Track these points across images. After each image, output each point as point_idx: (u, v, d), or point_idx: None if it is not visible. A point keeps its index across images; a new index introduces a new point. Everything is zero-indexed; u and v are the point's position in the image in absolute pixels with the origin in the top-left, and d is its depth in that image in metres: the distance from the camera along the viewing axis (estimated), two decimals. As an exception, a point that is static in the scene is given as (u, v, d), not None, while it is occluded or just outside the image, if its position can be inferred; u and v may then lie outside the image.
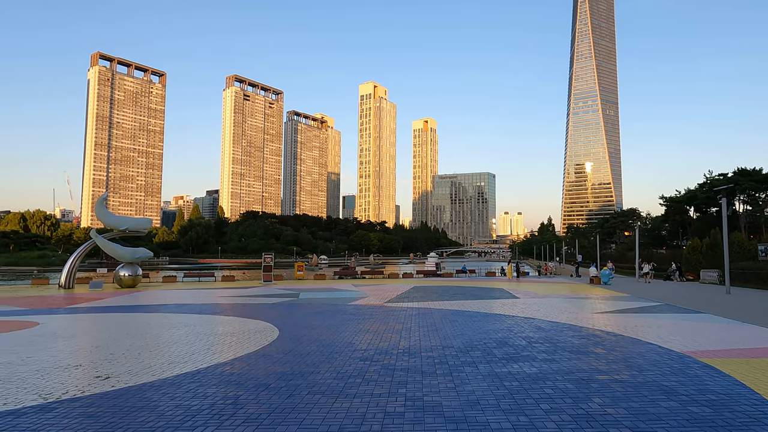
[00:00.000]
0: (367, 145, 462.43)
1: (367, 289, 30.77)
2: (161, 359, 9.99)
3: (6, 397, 7.32)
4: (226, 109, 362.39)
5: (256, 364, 9.45)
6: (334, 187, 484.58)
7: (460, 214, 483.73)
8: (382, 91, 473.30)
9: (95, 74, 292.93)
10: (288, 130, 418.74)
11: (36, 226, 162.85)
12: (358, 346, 11.16)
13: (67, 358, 10.26)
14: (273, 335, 12.84)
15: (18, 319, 16.62)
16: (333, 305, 20.61)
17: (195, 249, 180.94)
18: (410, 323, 14.99)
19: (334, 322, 15.41)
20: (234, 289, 30.91)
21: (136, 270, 33.96)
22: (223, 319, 16.59)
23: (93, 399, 7.21)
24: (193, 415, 6.37)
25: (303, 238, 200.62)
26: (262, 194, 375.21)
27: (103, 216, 35.89)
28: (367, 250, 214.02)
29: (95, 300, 24.01)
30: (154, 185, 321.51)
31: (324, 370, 8.88)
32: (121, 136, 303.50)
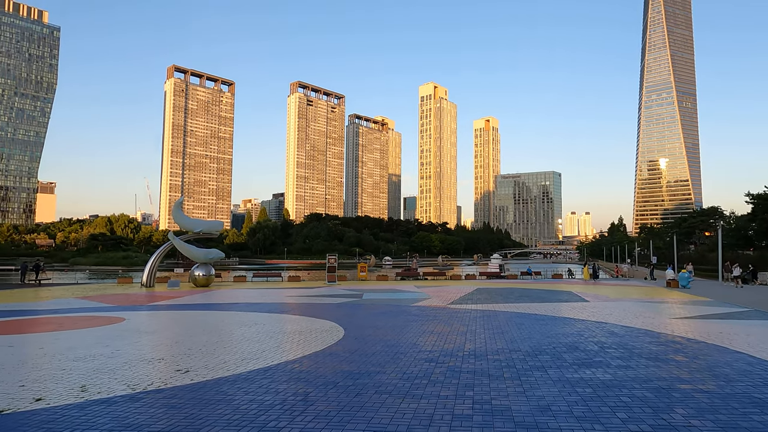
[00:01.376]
0: (427, 146, 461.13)
1: (430, 290, 30.66)
2: (235, 355, 10.46)
3: (99, 387, 7.95)
4: (291, 115, 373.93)
5: (323, 362, 9.67)
6: (395, 188, 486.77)
7: (524, 214, 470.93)
8: (442, 91, 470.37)
9: (171, 86, 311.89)
10: (349, 134, 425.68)
11: (120, 228, 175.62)
12: (423, 348, 11.15)
13: (151, 352, 10.98)
14: (339, 335, 13.09)
15: (107, 315, 17.99)
16: (396, 306, 20.71)
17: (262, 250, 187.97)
18: (475, 325, 14.78)
19: (398, 322, 15.48)
20: (300, 289, 31.81)
21: (210, 270, 35.75)
22: (290, 318, 17.12)
23: (175, 391, 7.67)
24: (267, 410, 6.62)
25: (365, 239, 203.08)
26: (325, 197, 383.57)
27: (180, 219, 38.12)
28: (429, 251, 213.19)
29: (173, 298, 25.51)
30: (224, 189, 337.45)
31: (390, 370, 8.95)
32: (195, 144, 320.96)
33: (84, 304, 22.70)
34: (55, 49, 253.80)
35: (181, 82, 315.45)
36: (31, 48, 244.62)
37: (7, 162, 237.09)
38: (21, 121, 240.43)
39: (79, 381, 8.30)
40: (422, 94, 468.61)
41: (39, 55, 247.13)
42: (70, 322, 16.27)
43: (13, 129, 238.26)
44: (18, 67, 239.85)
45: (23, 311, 19.76)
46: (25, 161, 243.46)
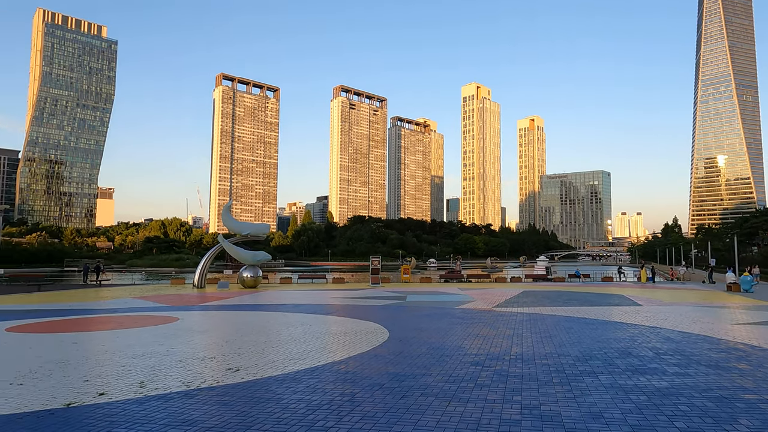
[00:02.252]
0: (470, 147, 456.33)
1: (474, 292, 30.30)
2: (282, 355, 10.70)
3: (156, 383, 8.32)
4: (334, 119, 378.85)
5: (369, 363, 9.74)
6: (437, 190, 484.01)
7: (571, 215, 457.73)
8: (485, 91, 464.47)
9: (219, 94, 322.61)
10: (392, 136, 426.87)
11: (173, 232, 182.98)
12: (468, 351, 11.04)
13: (203, 351, 11.39)
14: (383, 336, 13.14)
15: (162, 315, 18.78)
16: (440, 308, 20.59)
17: (307, 252, 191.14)
18: (521, 329, 14.50)
19: (442, 325, 15.39)
20: (344, 291, 32.15)
21: (257, 272, 36.67)
22: (335, 319, 17.33)
23: (227, 389, 7.93)
24: (314, 410, 6.74)
25: (408, 241, 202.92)
26: (368, 199, 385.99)
27: (228, 222, 39.33)
28: (472, 253, 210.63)
29: (223, 299, 26.34)
30: (270, 193, 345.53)
31: (435, 372, 8.91)
32: (242, 149, 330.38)
33: (141, 303, 23.78)
34: (113, 61, 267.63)
35: (228, 89, 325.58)
36: (91, 61, 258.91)
37: (70, 169, 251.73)
38: (82, 130, 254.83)
39: (137, 377, 8.71)
40: (464, 95, 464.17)
41: (98, 68, 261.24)
42: (128, 321, 17.10)
43: (76, 138, 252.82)
44: (80, 79, 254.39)
45: (86, 310, 20.92)
46: (86, 168, 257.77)
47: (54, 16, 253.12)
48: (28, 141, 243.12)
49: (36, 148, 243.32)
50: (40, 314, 19.15)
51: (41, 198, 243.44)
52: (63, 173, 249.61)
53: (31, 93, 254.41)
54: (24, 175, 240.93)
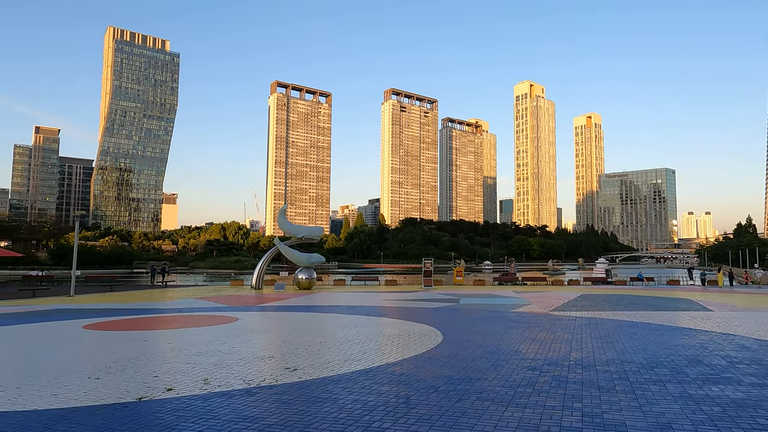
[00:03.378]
0: (524, 146, 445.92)
1: (530, 295, 29.56)
2: (338, 356, 10.87)
3: (219, 380, 8.67)
4: (385, 122, 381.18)
5: (423, 366, 9.72)
6: (490, 191, 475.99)
7: (632, 215, 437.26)
8: (538, 89, 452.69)
9: (274, 100, 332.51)
10: (443, 137, 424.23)
11: (232, 235, 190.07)
12: (525, 355, 10.79)
13: (262, 350, 11.76)
14: (437, 339, 13.08)
15: (223, 315, 19.54)
16: (495, 311, 20.24)
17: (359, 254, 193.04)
18: (581, 334, 14.01)
19: (497, 328, 15.13)
20: (397, 293, 32.23)
21: (312, 273, 37.44)
22: (389, 321, 17.41)
23: (285, 388, 8.15)
24: (370, 410, 6.80)
25: (460, 243, 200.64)
26: (420, 201, 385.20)
27: (284, 225, 40.40)
28: (527, 255, 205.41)
29: (279, 300, 27.07)
30: (323, 196, 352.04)
31: (491, 377, 8.77)
32: (296, 154, 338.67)
33: (203, 304, 24.85)
34: (176, 73, 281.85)
35: (282, 96, 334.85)
36: (156, 74, 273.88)
37: (138, 177, 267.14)
38: (149, 139, 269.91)
39: (202, 374, 9.12)
40: (517, 94, 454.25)
41: (162, 80, 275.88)
42: (192, 320, 17.92)
43: (143, 147, 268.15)
44: (146, 92, 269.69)
45: (154, 309, 22.11)
46: (153, 175, 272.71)
47: (123, 33, 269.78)
48: (100, 151, 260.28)
49: (107, 157, 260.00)
50: (113, 313, 20.41)
51: (112, 204, 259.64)
52: (132, 180, 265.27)
53: (103, 106, 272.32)
54: (97, 183, 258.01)
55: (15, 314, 20.16)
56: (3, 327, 16.31)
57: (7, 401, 7.46)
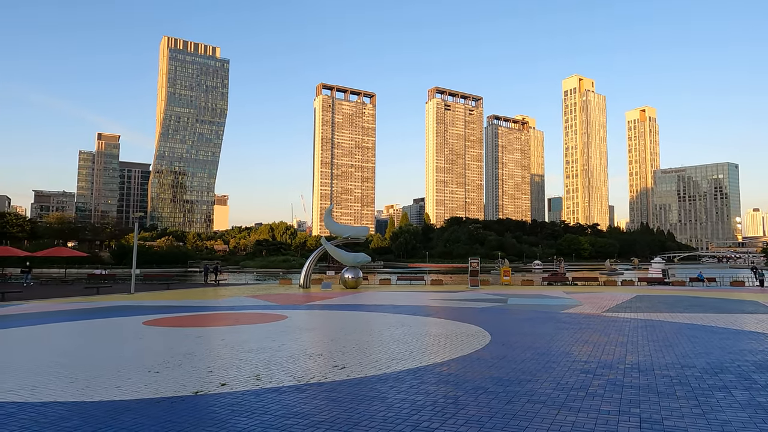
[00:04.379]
0: (573, 143, 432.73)
1: (581, 296, 28.66)
2: (385, 355, 10.91)
3: (270, 377, 8.89)
4: (429, 121, 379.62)
5: (471, 366, 9.61)
6: (538, 189, 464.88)
7: (691, 213, 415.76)
8: (588, 83, 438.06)
9: (320, 102, 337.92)
10: (488, 135, 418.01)
11: (280, 235, 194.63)
12: (577, 357, 10.47)
13: (310, 348, 11.97)
14: (485, 340, 12.90)
15: (272, 313, 20.03)
16: (544, 312, 19.75)
17: (405, 254, 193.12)
18: (636, 336, 13.46)
19: (547, 330, 14.76)
20: (442, 293, 32.03)
21: (358, 273, 37.78)
22: (435, 321, 17.33)
23: (334, 385, 8.26)
24: (419, 410, 6.79)
25: (507, 242, 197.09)
26: (465, 200, 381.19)
27: (330, 225, 40.96)
28: (577, 254, 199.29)
29: (327, 299, 27.47)
30: (368, 196, 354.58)
31: (542, 379, 8.57)
32: (341, 155, 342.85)
33: (253, 302, 25.57)
34: (226, 78, 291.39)
35: (328, 98, 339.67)
36: (207, 80, 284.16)
37: (192, 179, 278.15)
38: (201, 143, 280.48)
39: (254, 371, 9.38)
40: (566, 89, 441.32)
41: (213, 86, 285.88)
42: (243, 318, 18.47)
43: (196, 151, 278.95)
44: (198, 97, 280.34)
45: (207, 307, 22.96)
46: (205, 178, 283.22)
47: (176, 42, 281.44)
48: (157, 155, 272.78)
49: (163, 161, 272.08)
50: (170, 310, 21.33)
51: (168, 206, 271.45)
52: (185, 183, 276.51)
53: (158, 112, 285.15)
54: (154, 186, 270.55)
55: (82, 310, 21.44)
56: (72, 322, 17.38)
57: (77, 392, 7.94)
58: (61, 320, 17.97)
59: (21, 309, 22.14)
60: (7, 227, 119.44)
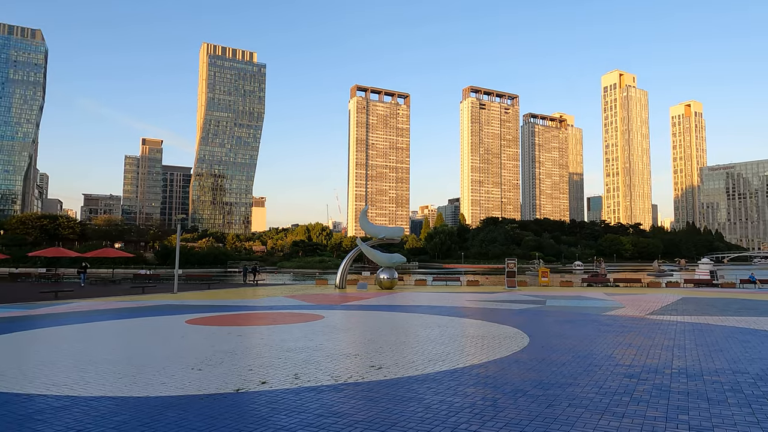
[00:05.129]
0: (613, 140, 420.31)
1: (623, 298, 27.79)
2: (421, 356, 10.88)
3: (308, 376, 9.01)
4: (464, 120, 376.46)
5: (509, 369, 9.47)
6: (576, 188, 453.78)
7: (741, 211, 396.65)
8: (629, 78, 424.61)
9: (354, 104, 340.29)
10: (525, 134, 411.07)
11: (316, 236, 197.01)
12: (620, 361, 10.16)
13: (347, 348, 12.06)
14: (523, 342, 12.69)
15: (309, 313, 20.30)
16: (584, 314, 19.26)
17: (440, 254, 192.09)
18: (683, 340, 12.95)
19: (588, 332, 14.39)
20: (479, 294, 31.68)
21: (393, 273, 37.81)
22: (471, 322, 17.16)
23: (371, 385, 8.30)
24: (456, 412, 6.74)
25: (545, 243, 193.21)
26: (501, 200, 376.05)
27: (365, 226, 41.15)
28: (618, 255, 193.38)
29: (362, 299, 27.62)
30: (403, 197, 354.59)
31: (583, 382, 8.36)
32: (376, 155, 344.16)
33: (290, 302, 25.97)
34: (263, 83, 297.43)
35: (362, 99, 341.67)
36: (245, 85, 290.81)
37: (230, 182, 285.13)
38: (239, 147, 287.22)
39: (292, 369, 9.53)
40: (605, 84, 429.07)
41: (251, 90, 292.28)
42: (281, 317, 18.78)
43: (234, 154, 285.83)
44: (236, 102, 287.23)
45: (246, 307, 23.47)
46: (243, 180, 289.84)
47: (215, 48, 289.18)
48: (197, 159, 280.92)
49: (203, 164, 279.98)
50: (211, 309, 21.91)
51: (208, 208, 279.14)
52: (225, 185, 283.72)
53: (198, 117, 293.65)
54: (195, 189, 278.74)
55: (128, 309, 22.30)
56: (119, 320, 18.10)
57: (125, 387, 8.26)
58: (108, 318, 18.75)
59: (72, 307, 23.21)
60: (59, 229, 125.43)
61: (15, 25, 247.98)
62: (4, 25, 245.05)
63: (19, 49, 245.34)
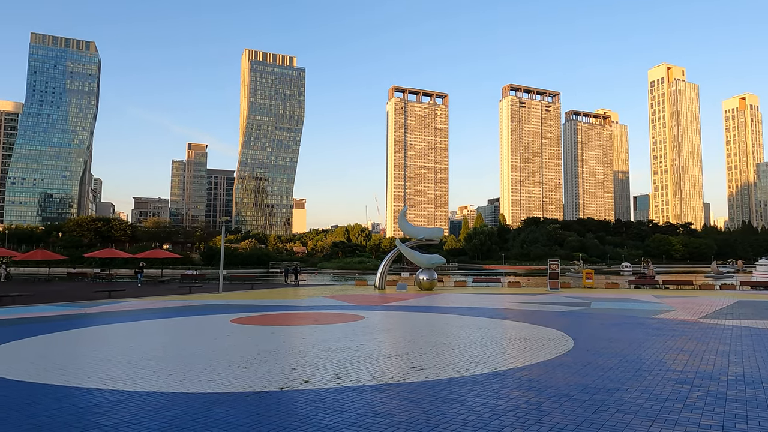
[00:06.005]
0: (661, 136, 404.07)
1: (673, 301, 26.68)
2: (462, 357, 10.80)
3: (350, 376, 9.10)
4: (503, 119, 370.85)
5: (553, 372, 9.28)
6: (622, 187, 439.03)
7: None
8: (677, 72, 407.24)
9: (392, 105, 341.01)
10: (567, 132, 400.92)
11: (355, 236, 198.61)
12: (671, 366, 9.77)
13: (388, 348, 12.11)
14: (567, 345, 12.39)
15: (350, 313, 20.48)
16: (632, 317, 18.62)
17: (479, 255, 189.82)
18: (739, 345, 12.33)
19: (636, 336, 13.90)
20: (520, 295, 31.13)
21: (433, 274, 37.65)
22: (513, 324, 16.89)
23: (412, 386, 8.31)
24: (500, 415, 6.66)
25: (589, 243, 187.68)
26: (542, 200, 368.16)
27: (404, 227, 41.16)
28: (668, 256, 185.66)
29: (402, 300, 27.64)
30: (441, 197, 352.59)
31: (632, 388, 8.09)
32: (414, 156, 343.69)
33: (331, 302, 26.28)
34: (302, 87, 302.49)
35: (400, 101, 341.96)
36: (285, 89, 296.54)
37: (272, 184, 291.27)
38: (280, 150, 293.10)
39: (334, 369, 9.65)
40: (652, 79, 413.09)
41: (291, 94, 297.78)
42: (322, 317, 19.04)
43: (275, 157, 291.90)
44: (277, 106, 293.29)
45: (288, 307, 23.91)
46: (284, 183, 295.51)
47: (256, 54, 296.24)
48: (240, 162, 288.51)
49: (246, 167, 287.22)
50: (255, 309, 22.45)
51: (250, 210, 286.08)
52: (266, 188, 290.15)
53: (241, 122, 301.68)
54: (238, 191, 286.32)
55: (177, 308, 23.14)
56: (168, 319, 18.81)
57: (175, 383, 8.59)
58: (158, 317, 19.51)
59: (124, 306, 24.28)
60: (112, 231, 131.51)
61: (71, 38, 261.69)
62: (62, 39, 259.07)
63: (75, 60, 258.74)
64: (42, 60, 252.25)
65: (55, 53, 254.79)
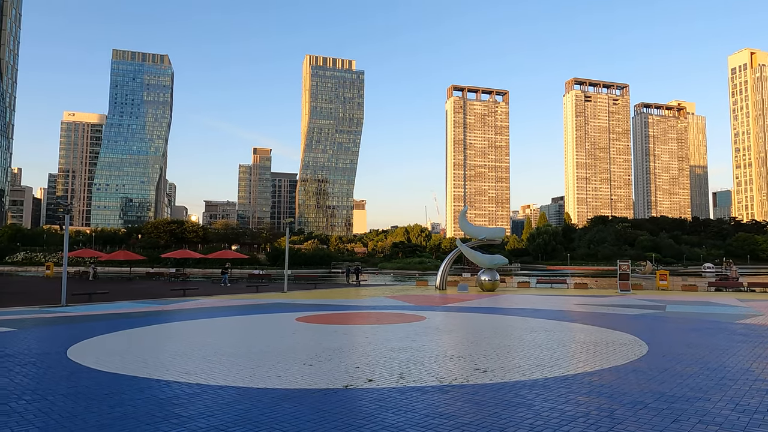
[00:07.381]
0: (743, 127, 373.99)
1: (760, 305, 24.64)
2: (528, 360, 10.53)
3: (413, 376, 9.12)
4: (567, 114, 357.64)
5: (626, 378, 8.84)
6: (699, 182, 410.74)
7: None
8: (762, 57, 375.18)
9: (451, 105, 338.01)
10: (637, 125, 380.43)
11: (415, 237, 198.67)
12: (760, 376, 9.04)
13: (451, 350, 12.02)
14: (641, 350, 11.76)
15: (411, 313, 20.51)
16: (713, 322, 17.38)
17: (543, 256, 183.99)
18: (842, 355, 11.19)
19: (717, 342, 12.97)
20: (588, 297, 29.88)
21: (495, 275, 36.95)
22: (581, 327, 16.25)
23: (477, 389, 8.20)
24: (569, 421, 6.43)
25: (662, 243, 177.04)
26: (610, 197, 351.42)
27: (465, 227, 40.69)
28: (753, 256, 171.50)
29: (463, 301, 27.31)
30: (503, 197, 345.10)
31: (715, 397, 7.56)
32: (474, 155, 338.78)
33: (392, 302, 26.42)
34: (362, 89, 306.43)
35: (459, 99, 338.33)
36: (344, 92, 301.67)
37: (333, 186, 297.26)
38: (340, 152, 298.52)
39: (397, 369, 9.70)
40: (732, 66, 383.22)
41: (350, 97, 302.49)
42: (384, 317, 19.19)
43: (336, 159, 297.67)
44: (337, 109, 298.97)
45: (351, 306, 24.30)
46: (344, 184, 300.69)
47: (316, 59, 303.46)
48: (302, 165, 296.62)
49: (308, 170, 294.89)
50: (318, 308, 23.00)
51: (313, 211, 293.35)
52: (327, 190, 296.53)
53: (303, 125, 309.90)
54: (301, 193, 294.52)
55: (245, 306, 24.14)
56: (238, 317, 19.66)
57: (245, 378, 8.97)
58: (229, 315, 20.42)
59: (198, 304, 25.62)
60: (185, 233, 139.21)
61: (147, 53, 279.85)
62: (139, 53, 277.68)
63: (151, 73, 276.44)
64: (122, 74, 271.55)
65: (134, 67, 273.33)
